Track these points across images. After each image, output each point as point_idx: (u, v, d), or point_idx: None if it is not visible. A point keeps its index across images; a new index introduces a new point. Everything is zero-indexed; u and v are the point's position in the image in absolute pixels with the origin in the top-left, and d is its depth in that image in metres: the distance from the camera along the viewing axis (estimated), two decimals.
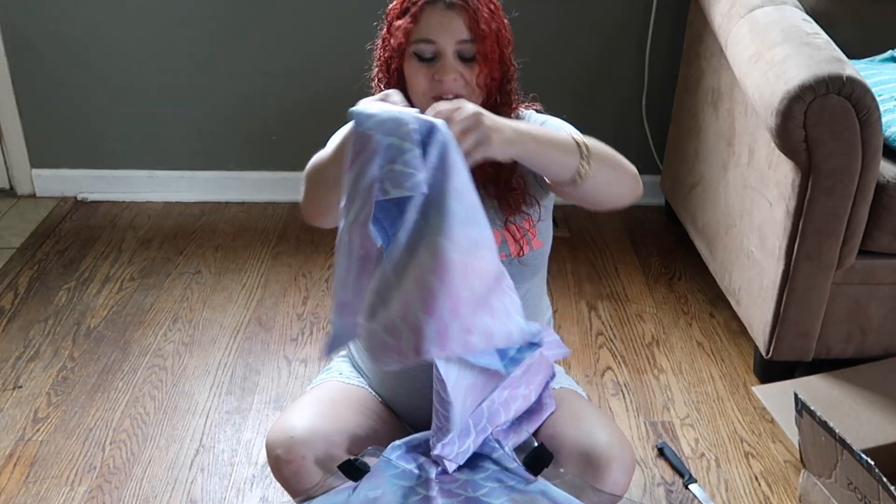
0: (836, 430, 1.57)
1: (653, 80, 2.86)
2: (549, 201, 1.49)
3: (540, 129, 1.27)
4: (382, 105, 1.04)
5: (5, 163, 2.97)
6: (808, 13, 2.18)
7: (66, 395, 2.06)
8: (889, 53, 2.30)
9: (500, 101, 1.41)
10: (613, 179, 1.31)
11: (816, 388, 2.02)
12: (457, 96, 1.34)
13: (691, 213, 2.56)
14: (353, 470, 1.34)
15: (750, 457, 1.93)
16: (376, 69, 1.44)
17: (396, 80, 1.39)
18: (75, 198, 2.98)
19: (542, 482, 1.33)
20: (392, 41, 1.37)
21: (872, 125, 1.82)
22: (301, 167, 1.32)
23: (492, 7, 1.37)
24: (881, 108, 1.86)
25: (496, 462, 1.36)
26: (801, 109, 1.81)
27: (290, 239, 2.78)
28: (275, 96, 2.86)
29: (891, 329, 2.08)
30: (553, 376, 1.47)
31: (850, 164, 1.83)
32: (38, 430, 1.95)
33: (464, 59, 1.35)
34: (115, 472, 1.84)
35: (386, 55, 1.40)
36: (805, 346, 2.05)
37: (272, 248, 2.71)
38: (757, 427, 2.02)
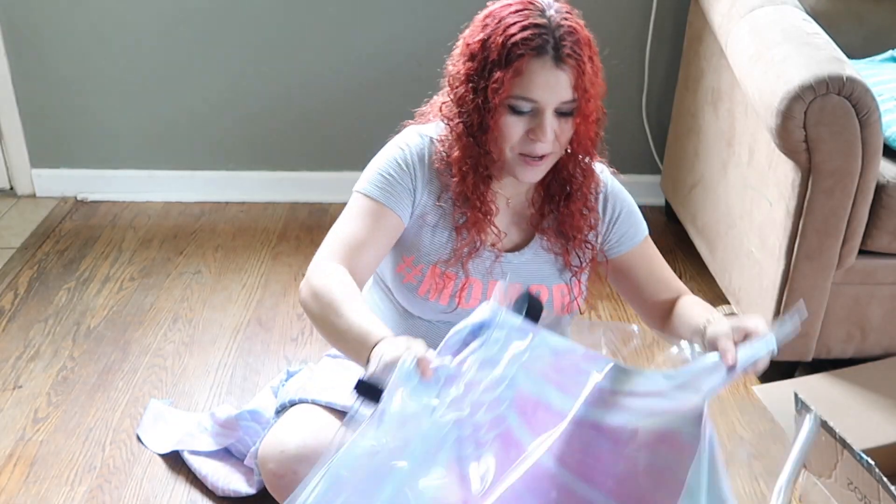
0: (836, 430, 1.57)
1: (653, 80, 2.86)
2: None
3: None
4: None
5: (5, 163, 2.97)
6: (808, 13, 2.18)
7: (66, 395, 2.06)
8: (889, 53, 2.30)
9: (584, 157, 1.37)
10: None
11: (816, 388, 2.02)
12: (543, 155, 1.30)
13: (691, 213, 2.56)
14: (370, 389, 1.27)
15: (750, 457, 1.93)
16: (454, 106, 1.32)
17: (479, 125, 1.29)
18: (75, 198, 2.98)
19: (539, 332, 1.27)
20: (489, 92, 1.25)
21: (872, 125, 1.82)
22: (301, 167, 1.31)
23: (594, 58, 1.30)
24: (881, 108, 1.86)
25: (500, 326, 1.27)
26: (802, 109, 1.81)
27: (290, 239, 2.78)
28: (275, 96, 2.86)
29: (891, 329, 2.08)
30: None
31: (850, 164, 1.83)
32: (38, 430, 1.95)
33: (561, 113, 1.28)
34: (115, 472, 1.84)
35: (475, 102, 1.28)
36: (805, 346, 2.05)
37: (272, 248, 2.71)
38: (757, 427, 2.02)
